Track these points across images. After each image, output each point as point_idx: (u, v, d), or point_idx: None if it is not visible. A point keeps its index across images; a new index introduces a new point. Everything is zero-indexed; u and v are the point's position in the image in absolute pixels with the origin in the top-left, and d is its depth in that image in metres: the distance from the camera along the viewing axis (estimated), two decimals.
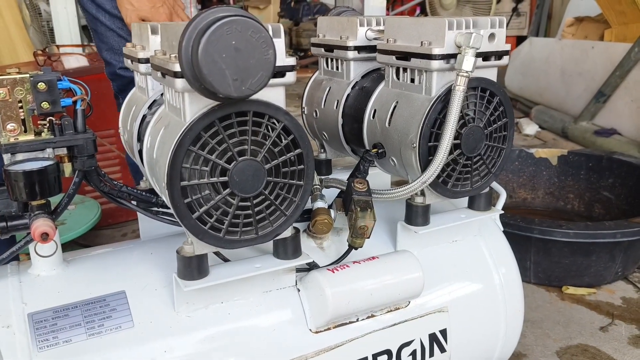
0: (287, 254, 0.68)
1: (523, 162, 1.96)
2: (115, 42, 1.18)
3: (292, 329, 0.71)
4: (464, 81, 0.69)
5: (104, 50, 1.20)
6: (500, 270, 0.87)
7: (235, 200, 0.60)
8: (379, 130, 0.79)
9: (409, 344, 0.78)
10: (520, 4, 4.57)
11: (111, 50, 1.19)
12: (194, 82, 0.51)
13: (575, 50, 2.90)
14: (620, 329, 1.32)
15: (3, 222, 0.61)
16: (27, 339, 0.61)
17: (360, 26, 0.84)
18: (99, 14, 1.15)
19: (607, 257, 1.44)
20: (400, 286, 0.74)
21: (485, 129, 0.76)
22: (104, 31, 1.17)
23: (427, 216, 0.80)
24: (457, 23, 0.70)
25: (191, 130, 0.56)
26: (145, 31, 0.73)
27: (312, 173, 0.64)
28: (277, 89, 0.60)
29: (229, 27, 0.48)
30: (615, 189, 1.82)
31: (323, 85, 0.91)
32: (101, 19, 1.15)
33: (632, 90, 2.49)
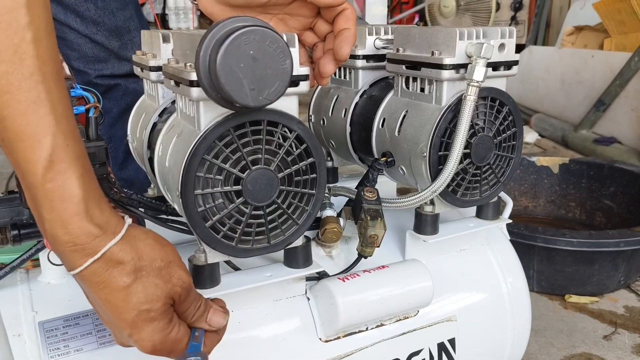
0: (297, 263, 0.68)
1: (524, 170, 1.97)
2: (89, 49, 1.13)
3: (302, 337, 0.71)
4: (474, 91, 0.69)
5: (73, 59, 1.14)
6: (508, 279, 0.87)
7: (249, 209, 0.60)
8: (388, 139, 0.79)
9: (417, 353, 0.78)
10: (518, 13, 4.59)
11: (84, 59, 1.14)
12: (211, 91, 0.51)
13: (575, 59, 2.91)
14: (624, 337, 1.32)
15: (15, 230, 0.61)
16: (38, 348, 0.60)
17: (369, 35, 0.84)
18: (69, 19, 1.08)
19: (610, 265, 1.44)
20: (410, 295, 0.74)
21: (494, 139, 0.76)
22: (75, 38, 1.11)
23: (436, 225, 0.80)
24: (468, 33, 0.70)
25: (206, 139, 0.56)
26: (157, 39, 0.73)
27: (324, 182, 0.64)
28: (291, 98, 0.60)
29: (247, 37, 0.48)
30: (617, 197, 1.83)
31: (331, 94, 0.92)
32: (72, 25, 1.09)
33: (632, 99, 2.50)
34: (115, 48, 1.16)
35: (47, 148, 0.44)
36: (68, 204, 0.46)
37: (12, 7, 0.43)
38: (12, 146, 0.44)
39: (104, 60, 1.17)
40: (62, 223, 0.46)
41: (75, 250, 0.47)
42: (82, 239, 0.46)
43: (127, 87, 1.21)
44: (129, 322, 0.50)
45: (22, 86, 0.43)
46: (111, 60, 1.17)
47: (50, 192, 0.45)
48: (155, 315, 0.50)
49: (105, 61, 1.17)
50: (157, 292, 0.50)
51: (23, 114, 0.43)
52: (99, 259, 0.47)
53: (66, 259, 0.48)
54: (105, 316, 0.51)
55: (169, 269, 0.51)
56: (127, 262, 0.49)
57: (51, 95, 0.45)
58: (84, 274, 0.48)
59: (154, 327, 0.50)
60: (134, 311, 0.49)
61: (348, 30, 0.64)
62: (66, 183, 0.45)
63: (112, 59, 1.17)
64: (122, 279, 0.48)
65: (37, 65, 0.44)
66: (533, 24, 3.81)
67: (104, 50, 1.15)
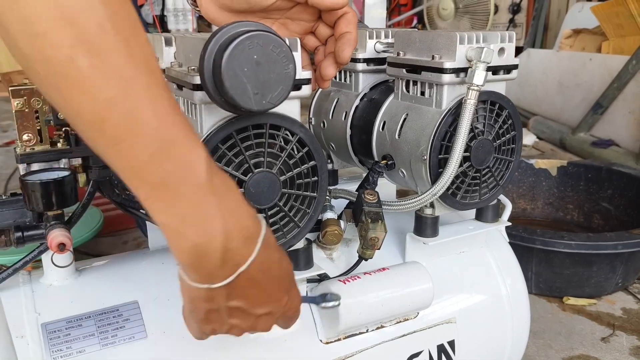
0: (299, 265, 0.69)
1: (523, 172, 1.98)
2: None
3: (303, 339, 0.72)
4: (474, 95, 0.69)
5: None
6: (507, 282, 0.88)
7: None
8: (388, 142, 0.80)
9: (417, 355, 0.78)
10: (517, 15, 4.61)
11: None
12: (214, 95, 0.51)
13: (573, 62, 2.92)
14: (622, 339, 1.33)
15: (19, 232, 0.61)
16: (41, 349, 0.61)
17: (369, 39, 0.85)
18: None
19: (607, 268, 1.45)
20: (411, 297, 0.75)
21: (494, 142, 0.77)
22: None
23: (436, 228, 0.80)
24: (468, 37, 0.71)
25: (209, 142, 0.57)
26: (159, 42, 0.73)
27: (325, 185, 0.65)
28: (293, 102, 0.61)
29: (251, 42, 0.49)
30: (614, 200, 1.84)
31: (331, 97, 0.92)
32: None
33: (629, 102, 2.51)
34: None
35: (201, 145, 0.44)
36: (235, 192, 0.47)
37: (137, 22, 0.42)
38: (171, 152, 0.42)
39: None
40: (234, 212, 0.46)
41: (247, 235, 0.48)
42: (249, 221, 0.48)
43: None
44: (286, 287, 0.55)
45: (162, 94, 0.42)
46: None
47: (218, 187, 0.45)
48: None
49: None
50: (289, 261, 0.56)
51: (173, 118, 0.43)
52: (265, 238, 0.50)
53: (234, 254, 0.47)
54: (263, 297, 0.53)
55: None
56: (272, 239, 0.52)
57: (174, 99, 0.45)
58: (256, 258, 0.49)
59: (296, 285, 0.58)
60: (288, 276, 0.56)
61: (349, 33, 0.64)
62: (224, 175, 0.47)
63: None
64: (275, 254, 0.53)
65: (162, 75, 0.43)
66: (531, 26, 3.82)
67: None
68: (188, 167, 0.43)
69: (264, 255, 0.49)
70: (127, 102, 0.40)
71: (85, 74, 0.38)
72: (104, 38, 0.39)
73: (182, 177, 0.43)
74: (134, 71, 0.40)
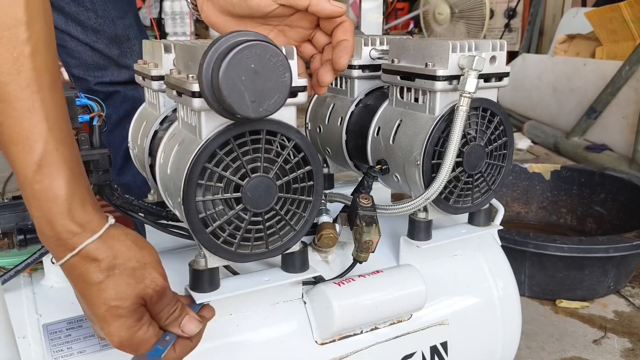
0: (295, 268, 0.70)
1: (517, 176, 2.00)
2: (89, 57, 1.15)
3: (298, 340, 0.73)
4: (466, 102, 0.71)
5: (73, 67, 1.16)
6: (499, 284, 0.89)
7: (248, 215, 0.62)
8: (382, 147, 0.82)
9: (410, 356, 0.80)
10: (512, 20, 4.64)
11: (84, 66, 1.15)
12: (213, 102, 0.53)
13: (567, 67, 2.95)
14: (613, 342, 1.35)
15: (22, 235, 0.62)
16: (42, 350, 0.62)
17: (365, 46, 0.86)
18: (70, 28, 1.10)
19: (600, 271, 1.47)
20: (404, 299, 0.76)
21: (486, 148, 0.78)
22: (75, 46, 1.13)
23: (429, 231, 0.82)
24: (461, 46, 0.73)
25: (207, 147, 0.58)
26: (159, 49, 0.75)
27: (321, 189, 0.66)
28: (289, 108, 0.62)
29: (249, 51, 0.51)
30: (607, 204, 1.86)
31: (327, 102, 0.94)
32: (72, 33, 1.11)
33: (623, 107, 2.54)
34: (115, 56, 1.18)
35: (38, 153, 0.48)
36: (52, 204, 0.50)
37: (13, 25, 0.47)
38: (8, 149, 0.49)
39: (103, 67, 1.18)
40: (47, 220, 0.50)
41: (58, 244, 0.51)
42: (63, 235, 0.50)
43: (126, 95, 1.23)
44: (100, 316, 0.53)
45: (18, 96, 0.47)
46: (110, 68, 1.19)
47: (37, 193, 0.49)
48: (124, 312, 0.53)
49: (104, 69, 1.18)
50: (127, 291, 0.53)
51: (18, 121, 0.47)
52: (76, 255, 0.51)
53: (53, 253, 0.53)
54: (84, 308, 0.56)
55: (143, 270, 0.54)
56: (102, 260, 0.52)
57: (45, 104, 0.49)
58: (65, 267, 0.52)
59: (121, 323, 0.53)
60: (104, 306, 0.53)
61: (347, 41, 0.66)
62: (52, 185, 0.49)
63: (111, 66, 1.19)
64: (96, 275, 0.52)
65: (34, 77, 0.48)
66: (526, 31, 3.85)
67: (103, 57, 1.17)
68: (18, 167, 0.49)
69: (74, 270, 0.52)
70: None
71: None
72: None
73: (16, 173, 0.49)
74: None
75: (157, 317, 0.57)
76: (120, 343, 0.54)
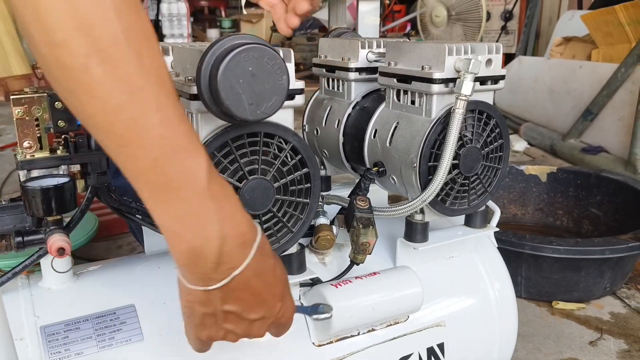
0: (292, 269, 0.71)
1: (513, 178, 2.00)
2: None
3: (295, 342, 0.73)
4: (463, 104, 0.72)
5: None
6: (495, 286, 0.90)
7: None
8: (379, 150, 0.82)
9: (407, 357, 0.80)
10: (509, 23, 4.65)
11: None
12: (211, 105, 0.53)
13: (564, 69, 2.96)
14: (609, 343, 1.35)
15: (19, 237, 0.63)
16: (40, 351, 0.62)
17: (362, 48, 0.87)
18: None
19: (596, 273, 1.47)
20: (401, 301, 0.77)
21: (482, 150, 0.79)
22: None
23: (426, 233, 0.82)
24: (457, 49, 0.73)
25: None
26: None
27: (318, 191, 0.67)
28: (286, 111, 0.63)
29: (247, 54, 0.51)
30: (603, 206, 1.86)
31: (324, 105, 0.94)
32: None
33: (618, 109, 2.55)
34: None
35: (203, 152, 0.47)
36: (233, 199, 0.50)
37: (150, 34, 0.45)
38: (174, 158, 0.45)
39: None
40: (231, 218, 0.49)
41: (243, 241, 0.50)
42: (245, 227, 0.50)
43: None
44: (280, 294, 0.56)
45: (169, 103, 0.45)
46: None
47: (217, 193, 0.47)
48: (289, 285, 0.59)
49: None
50: (284, 269, 0.58)
51: (177, 127, 0.45)
52: (259, 243, 0.52)
53: (230, 258, 0.49)
54: (255, 303, 0.54)
55: None
56: (267, 246, 0.54)
57: (182, 107, 0.47)
58: (250, 263, 0.51)
59: (290, 294, 0.60)
60: (282, 283, 0.57)
61: None
62: (224, 182, 0.49)
63: None
64: (270, 260, 0.54)
65: (171, 85, 0.46)
66: (523, 34, 3.87)
67: None
68: (189, 173, 0.46)
69: (258, 261, 0.52)
70: (134, 109, 0.43)
71: (97, 80, 0.41)
72: (116, 48, 0.41)
73: (183, 183, 0.46)
74: (144, 80, 0.43)
75: None
76: (293, 314, 0.60)
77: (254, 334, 0.58)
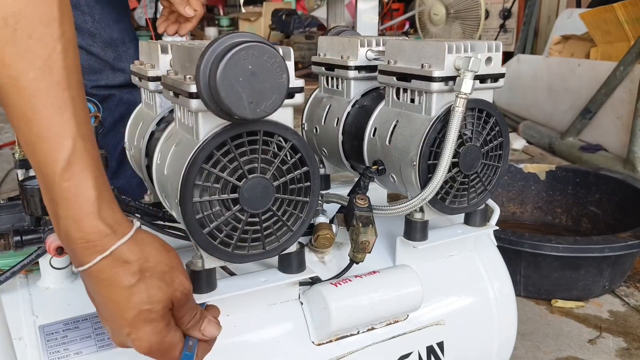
0: (291, 268, 0.71)
1: (512, 177, 2.00)
2: (85, 61, 1.15)
3: (295, 341, 0.73)
4: (462, 102, 0.71)
5: None
6: (495, 285, 0.90)
7: (245, 216, 0.62)
8: (379, 148, 0.82)
9: (407, 356, 0.80)
10: (507, 21, 4.65)
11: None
12: (210, 103, 0.53)
13: (562, 68, 2.96)
14: (608, 341, 1.35)
15: (18, 236, 0.62)
16: (39, 351, 0.62)
17: (361, 47, 0.87)
18: None
19: (595, 271, 1.47)
20: (400, 300, 0.76)
21: (481, 148, 0.79)
22: None
23: (425, 232, 0.82)
24: (457, 47, 0.73)
25: (204, 148, 0.58)
26: (155, 50, 0.75)
27: (317, 190, 0.66)
28: (286, 109, 0.62)
29: (246, 53, 0.51)
30: (602, 204, 1.87)
31: (323, 103, 0.94)
32: None
33: (617, 108, 2.55)
34: (111, 59, 1.18)
35: (67, 150, 0.47)
36: (83, 202, 0.48)
37: (48, 22, 0.47)
38: (35, 147, 0.47)
39: (99, 71, 1.19)
40: (75, 220, 0.48)
41: (86, 247, 0.49)
42: (93, 236, 0.49)
43: (121, 98, 1.23)
44: (129, 321, 0.51)
45: (49, 92, 0.47)
46: (106, 71, 1.19)
47: (66, 191, 0.48)
48: (155, 316, 0.52)
49: (100, 72, 1.19)
50: (159, 294, 0.52)
51: (48, 118, 0.47)
52: (107, 257, 0.49)
53: (76, 256, 0.50)
54: (106, 314, 0.53)
55: (171, 274, 0.53)
56: (133, 262, 0.51)
57: (74, 102, 0.48)
58: (91, 271, 0.50)
59: (152, 328, 0.52)
60: (135, 310, 0.51)
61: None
62: (82, 183, 0.48)
63: (107, 70, 1.19)
64: (127, 278, 0.50)
65: (65, 75, 0.48)
66: (521, 32, 3.87)
67: (99, 61, 1.17)
68: (46, 165, 0.48)
69: (105, 273, 0.50)
70: (13, 91, 0.46)
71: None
72: (2, 32, 0.45)
73: (42, 173, 0.48)
74: (24, 66, 0.46)
75: (180, 321, 0.56)
76: (150, 348, 0.52)
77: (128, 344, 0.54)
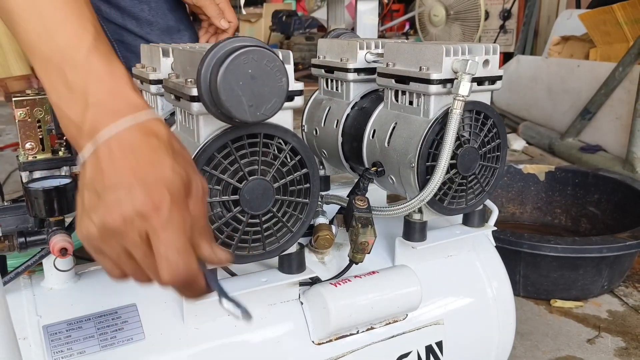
0: (292, 269, 0.72)
1: (512, 177, 2.01)
2: None
3: (295, 341, 0.74)
4: (460, 105, 0.72)
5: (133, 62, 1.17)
6: (493, 285, 0.90)
7: (245, 217, 0.63)
8: (378, 150, 0.83)
9: (406, 355, 0.81)
10: (507, 21, 4.66)
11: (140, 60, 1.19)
12: (211, 107, 0.54)
13: (562, 69, 2.97)
14: (607, 341, 1.36)
15: (22, 238, 0.63)
16: (43, 351, 0.63)
17: (360, 49, 0.87)
18: (126, 22, 1.12)
19: (593, 271, 1.48)
20: (399, 300, 0.77)
21: (479, 150, 0.80)
22: (132, 40, 1.13)
23: (424, 232, 0.83)
24: (454, 50, 0.74)
25: (205, 151, 0.59)
26: (157, 53, 0.76)
27: (317, 191, 0.67)
28: (286, 112, 0.63)
29: (246, 57, 0.52)
30: (601, 204, 1.87)
31: (323, 105, 0.95)
32: (128, 27, 1.12)
33: (616, 109, 2.55)
34: None
35: (91, 31, 0.49)
36: (118, 74, 0.49)
37: None
38: (57, 32, 0.47)
39: None
40: (110, 90, 0.48)
41: (114, 113, 0.47)
42: (125, 106, 0.48)
43: None
44: (159, 196, 0.46)
45: None
46: None
47: (98, 67, 0.48)
48: (177, 193, 0.47)
49: None
50: (183, 174, 0.48)
51: (62, 5, 0.48)
52: (141, 124, 0.47)
53: (99, 122, 0.47)
54: (111, 177, 0.47)
55: (194, 167, 0.50)
56: (163, 136, 0.48)
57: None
58: (112, 141, 0.46)
59: (176, 202, 0.47)
60: (162, 184, 0.46)
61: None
62: (113, 59, 0.49)
63: None
64: (158, 147, 0.47)
65: None
66: (521, 33, 3.87)
67: None
68: (68, 49, 0.47)
69: (132, 138, 0.47)
70: None
71: None
72: None
73: (62, 58, 0.48)
74: None
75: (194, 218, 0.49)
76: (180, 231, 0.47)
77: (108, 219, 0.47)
